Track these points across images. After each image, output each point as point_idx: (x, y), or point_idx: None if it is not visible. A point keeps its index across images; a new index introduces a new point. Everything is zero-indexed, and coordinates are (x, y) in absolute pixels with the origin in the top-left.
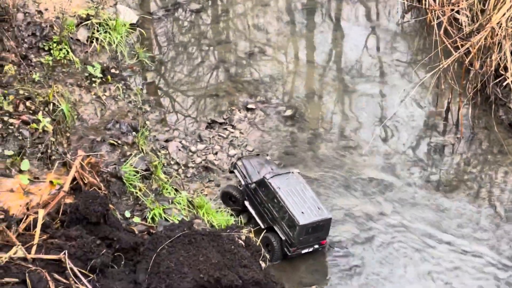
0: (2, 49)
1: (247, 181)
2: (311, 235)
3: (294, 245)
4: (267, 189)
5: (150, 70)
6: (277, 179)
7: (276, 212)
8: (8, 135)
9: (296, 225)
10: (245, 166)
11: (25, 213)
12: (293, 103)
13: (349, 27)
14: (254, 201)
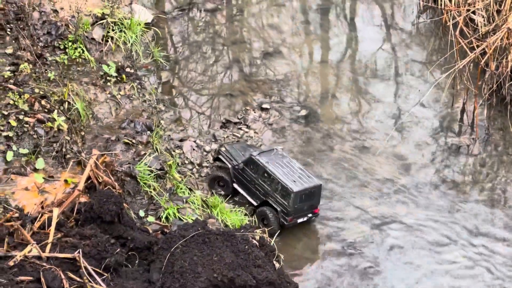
0: (18, 48)
1: (233, 163)
2: (304, 203)
3: (290, 214)
4: (256, 165)
5: (164, 69)
6: (264, 156)
7: (268, 185)
8: (23, 134)
9: (290, 193)
10: (229, 150)
11: (40, 211)
12: (307, 103)
13: (364, 27)
14: (244, 181)
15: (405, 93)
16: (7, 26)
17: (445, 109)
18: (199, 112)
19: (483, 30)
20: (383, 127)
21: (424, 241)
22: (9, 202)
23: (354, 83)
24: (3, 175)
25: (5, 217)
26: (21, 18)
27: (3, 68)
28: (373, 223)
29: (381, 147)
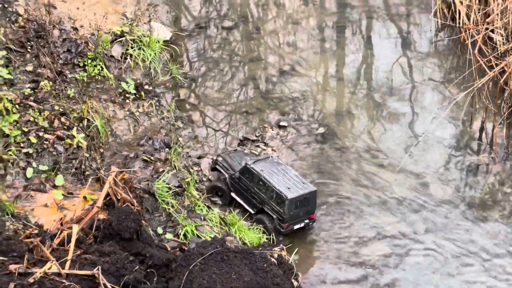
0: (38, 65)
1: (230, 173)
2: (300, 209)
3: (286, 221)
4: (251, 174)
5: (183, 86)
6: (259, 164)
7: (263, 193)
8: (43, 150)
9: (284, 200)
10: (226, 160)
11: (59, 228)
12: (325, 121)
13: (380, 44)
14: (240, 190)
15: (422, 111)
16: (27, 44)
17: (463, 128)
18: (217, 129)
19: (502, 49)
20: (401, 145)
21: (443, 261)
22: (28, 219)
23: (371, 101)
24: (23, 191)
25: (25, 233)
26: (42, 36)
27: (24, 85)
28: (392, 242)
29: (399, 165)
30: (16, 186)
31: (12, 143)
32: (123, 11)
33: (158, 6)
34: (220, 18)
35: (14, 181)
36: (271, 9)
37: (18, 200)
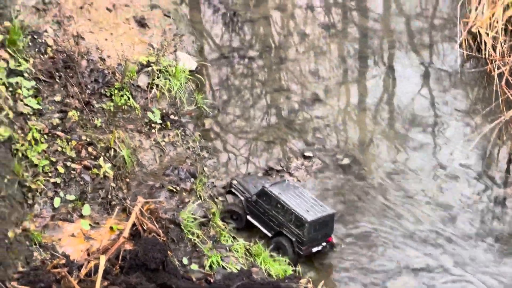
0: (66, 95)
1: (246, 196)
2: (318, 232)
3: (305, 243)
4: (269, 197)
5: (208, 116)
6: (276, 187)
7: (282, 216)
8: (70, 180)
9: (304, 222)
10: (241, 183)
11: (86, 258)
12: (350, 151)
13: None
14: (257, 213)
15: (447, 142)
16: (56, 74)
17: (490, 160)
18: (241, 158)
19: None
20: (426, 176)
21: None
22: (56, 249)
23: (395, 131)
24: (51, 221)
25: (52, 263)
26: (70, 66)
27: (52, 115)
28: (419, 276)
29: (425, 197)
30: (43, 215)
31: (40, 172)
32: (149, 41)
33: (183, 36)
34: (244, 48)
35: (42, 211)
36: (294, 38)
37: (46, 229)
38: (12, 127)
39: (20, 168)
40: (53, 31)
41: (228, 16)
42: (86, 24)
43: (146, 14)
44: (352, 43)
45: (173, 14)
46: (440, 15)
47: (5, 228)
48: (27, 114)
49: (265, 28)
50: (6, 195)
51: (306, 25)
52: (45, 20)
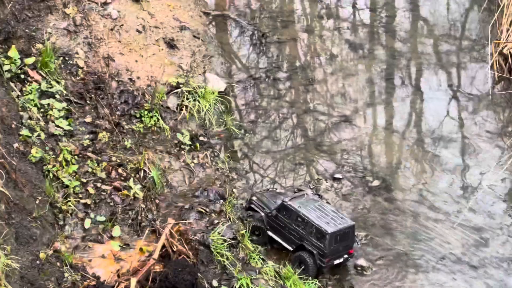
0: (96, 117)
1: (266, 211)
2: (340, 244)
3: (326, 256)
4: (288, 211)
5: (237, 137)
6: (295, 201)
7: (302, 229)
8: (101, 201)
9: (325, 234)
10: (260, 199)
11: (117, 280)
12: (379, 173)
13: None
14: (277, 227)
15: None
16: (87, 96)
17: None
18: (272, 180)
19: None
20: (457, 199)
21: None
22: (86, 270)
23: (424, 152)
24: (81, 242)
25: (83, 285)
26: (101, 87)
27: (83, 136)
28: None
29: (456, 219)
30: (74, 236)
31: (71, 193)
32: (179, 62)
33: (213, 57)
34: (271, 69)
35: (73, 232)
36: (321, 59)
37: (76, 251)
38: (44, 148)
39: (52, 189)
40: (84, 53)
41: (256, 37)
42: (116, 45)
43: (176, 36)
44: (380, 64)
45: (202, 36)
46: (468, 35)
47: (37, 249)
48: (58, 135)
49: (292, 49)
50: (38, 216)
51: (334, 46)
52: (76, 42)
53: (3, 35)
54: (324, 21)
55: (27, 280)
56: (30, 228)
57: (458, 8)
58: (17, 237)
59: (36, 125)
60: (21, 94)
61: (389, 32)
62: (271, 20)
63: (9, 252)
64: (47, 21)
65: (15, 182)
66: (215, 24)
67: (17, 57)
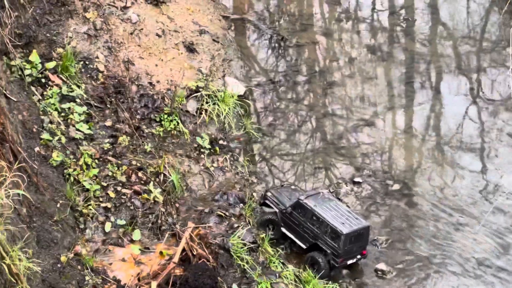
0: (116, 120)
1: (280, 208)
2: (354, 245)
3: (340, 256)
4: (304, 209)
5: (256, 141)
6: (311, 199)
7: (317, 228)
8: (121, 205)
9: (340, 235)
10: (275, 195)
11: (137, 283)
12: (400, 177)
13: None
14: (292, 225)
15: (498, 167)
16: (107, 100)
17: None
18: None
19: None
20: (478, 203)
21: None
22: (107, 273)
23: (444, 156)
24: (102, 245)
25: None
26: (121, 91)
27: (103, 140)
28: None
29: (477, 224)
30: (95, 240)
31: (92, 197)
32: (198, 66)
33: (232, 61)
34: (290, 72)
35: (93, 236)
36: (340, 62)
37: (97, 254)
38: (65, 152)
39: (72, 193)
40: (104, 57)
41: (275, 41)
42: (136, 49)
43: (195, 40)
44: (399, 67)
45: (222, 40)
46: (489, 38)
47: (58, 253)
48: (78, 139)
49: (311, 52)
50: (59, 220)
51: (353, 49)
52: (97, 46)
53: (24, 40)
54: (343, 24)
55: (48, 283)
56: (51, 231)
57: (478, 10)
58: (39, 241)
59: (57, 129)
60: (42, 98)
61: (409, 35)
62: (290, 24)
63: (30, 255)
64: (68, 26)
65: (37, 185)
66: (234, 28)
67: (38, 61)
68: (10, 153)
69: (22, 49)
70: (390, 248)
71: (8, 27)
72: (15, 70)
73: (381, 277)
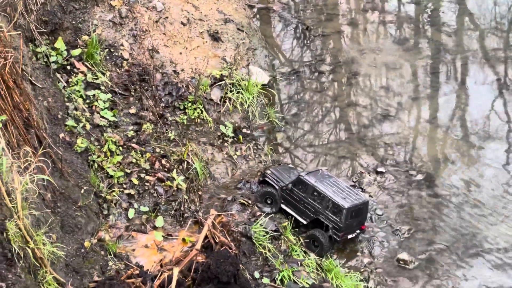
0: (140, 108)
1: (281, 184)
2: (354, 219)
3: (341, 230)
4: (305, 185)
5: (280, 130)
6: (311, 176)
7: (318, 204)
8: (144, 192)
9: (342, 209)
10: (274, 173)
11: (160, 269)
12: (423, 167)
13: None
14: (292, 201)
15: None
16: (131, 87)
17: None
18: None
19: None
20: (502, 194)
21: None
22: (130, 259)
23: (468, 147)
24: (125, 232)
25: (126, 274)
26: (145, 79)
27: (127, 128)
28: None
29: (500, 215)
30: (118, 226)
31: (116, 184)
32: (222, 55)
33: (256, 50)
34: (315, 62)
35: (117, 222)
36: (366, 53)
37: (120, 240)
38: (89, 139)
39: (96, 179)
40: (129, 44)
41: (300, 31)
42: (161, 37)
43: (220, 28)
44: (425, 58)
45: (246, 28)
46: None
47: (82, 238)
48: (103, 126)
49: (336, 42)
50: (83, 205)
51: (378, 40)
52: (122, 34)
53: (50, 27)
54: (369, 14)
55: (72, 268)
56: (75, 217)
57: (506, 1)
58: (63, 226)
59: (81, 115)
60: (67, 85)
61: (435, 26)
62: (315, 13)
63: (54, 240)
64: (93, 13)
65: (61, 171)
66: (259, 17)
67: (63, 48)
68: (35, 139)
69: (48, 36)
70: (412, 238)
71: (34, 14)
72: (41, 56)
73: (403, 267)
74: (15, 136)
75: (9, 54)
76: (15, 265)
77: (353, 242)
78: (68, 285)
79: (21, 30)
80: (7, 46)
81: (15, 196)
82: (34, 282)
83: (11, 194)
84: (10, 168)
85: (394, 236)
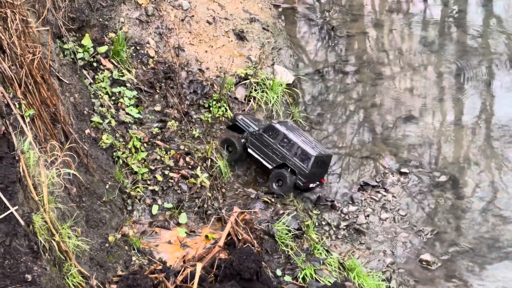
0: (165, 105)
1: (251, 130)
2: (318, 169)
3: (306, 176)
4: (275, 132)
5: (304, 130)
6: (281, 125)
7: (287, 150)
8: (168, 189)
9: (310, 157)
10: (244, 119)
11: (182, 265)
12: (447, 169)
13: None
14: (260, 146)
15: None
16: (157, 85)
17: None
18: (337, 173)
19: None
20: None
21: None
22: (153, 255)
23: (493, 150)
24: (149, 228)
25: (149, 269)
26: (170, 77)
27: (152, 125)
28: None
29: None
30: (142, 222)
31: (140, 180)
32: (247, 54)
33: (281, 49)
34: (339, 63)
35: (141, 217)
36: (391, 54)
37: (144, 236)
38: (114, 135)
39: (121, 175)
40: (155, 42)
41: (325, 31)
42: (186, 36)
43: (245, 27)
44: (450, 59)
45: (272, 28)
46: None
47: (106, 233)
48: (128, 123)
49: (361, 43)
50: (108, 201)
51: (404, 41)
52: (148, 31)
53: (77, 24)
54: (394, 16)
55: (96, 262)
56: (100, 211)
57: None
58: (87, 220)
59: (107, 112)
60: (93, 82)
61: (461, 28)
62: (341, 14)
63: (79, 233)
64: (120, 11)
65: (87, 166)
66: (285, 17)
67: (90, 45)
68: (62, 134)
69: (75, 33)
70: (435, 239)
71: (62, 11)
72: (68, 53)
73: (425, 268)
74: (42, 131)
75: (37, 49)
76: (41, 257)
77: (375, 242)
78: (92, 278)
79: (49, 26)
80: (35, 41)
81: (41, 190)
82: (59, 275)
83: (37, 187)
84: (37, 162)
85: (417, 236)
